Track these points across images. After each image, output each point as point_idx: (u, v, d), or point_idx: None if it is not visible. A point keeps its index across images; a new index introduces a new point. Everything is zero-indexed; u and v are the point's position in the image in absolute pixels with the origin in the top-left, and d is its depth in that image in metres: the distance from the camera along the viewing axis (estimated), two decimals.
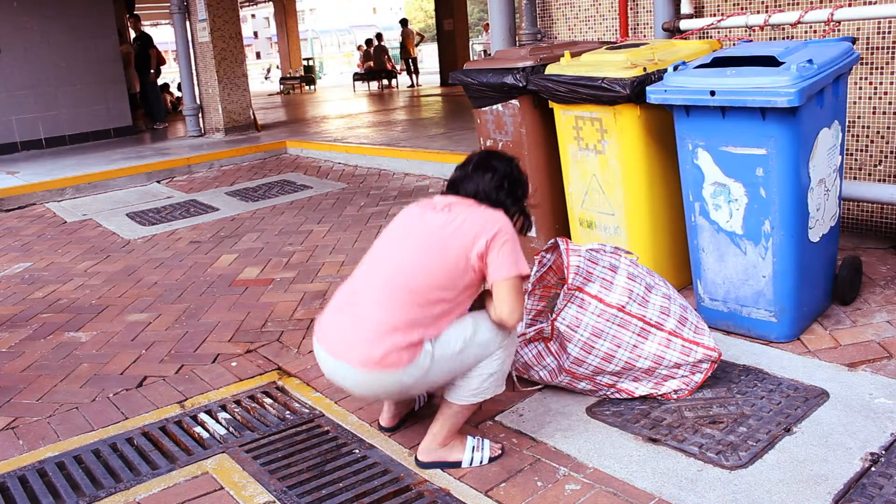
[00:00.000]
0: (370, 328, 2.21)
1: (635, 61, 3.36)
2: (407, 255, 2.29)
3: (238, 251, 5.12)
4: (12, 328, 3.96)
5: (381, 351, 2.17)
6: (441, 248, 2.26)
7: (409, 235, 2.35)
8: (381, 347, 2.17)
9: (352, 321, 2.26)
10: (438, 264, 2.24)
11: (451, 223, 2.30)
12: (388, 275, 2.27)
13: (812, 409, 2.52)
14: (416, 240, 2.32)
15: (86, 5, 10.43)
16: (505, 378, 2.41)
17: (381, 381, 2.22)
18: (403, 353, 2.18)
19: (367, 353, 2.19)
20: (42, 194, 7.40)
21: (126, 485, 2.45)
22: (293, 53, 22.86)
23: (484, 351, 2.31)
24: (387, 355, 2.17)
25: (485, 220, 2.29)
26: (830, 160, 3.08)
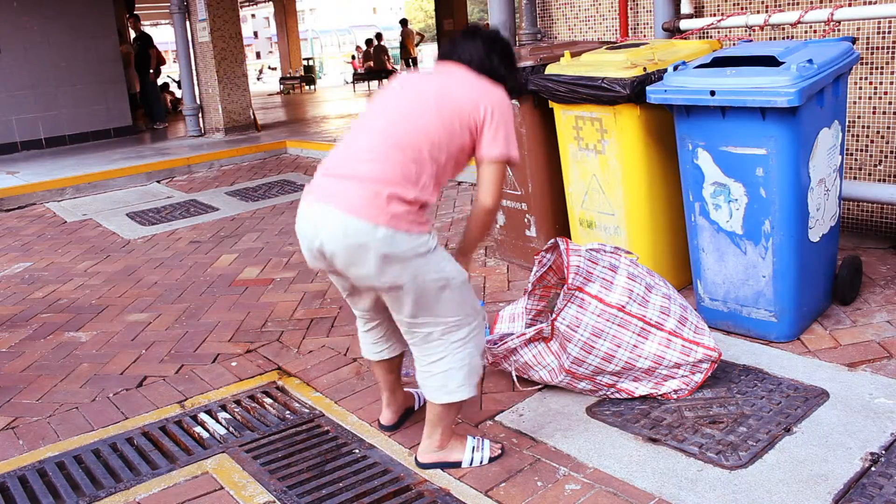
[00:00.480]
0: (364, 178, 2.10)
1: (635, 61, 3.36)
2: (401, 114, 2.21)
3: (238, 251, 5.12)
4: (12, 328, 3.96)
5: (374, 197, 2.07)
6: (437, 106, 2.20)
7: (402, 97, 2.27)
8: (374, 193, 2.07)
9: (345, 174, 2.15)
10: (434, 121, 2.17)
11: (449, 84, 2.26)
12: (383, 133, 2.18)
13: (812, 409, 2.52)
14: (411, 99, 2.25)
15: (86, 5, 10.43)
16: (474, 379, 2.31)
17: (360, 234, 2.06)
18: (403, 213, 2.08)
19: (359, 195, 2.08)
20: (42, 194, 7.40)
21: (126, 485, 2.45)
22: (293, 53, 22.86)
23: (456, 308, 2.22)
24: (377, 201, 2.07)
25: (487, 90, 2.26)
26: (830, 160, 3.08)
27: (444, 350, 2.26)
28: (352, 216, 2.07)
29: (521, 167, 4.00)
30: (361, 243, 2.07)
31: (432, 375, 2.28)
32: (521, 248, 4.21)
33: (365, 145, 2.18)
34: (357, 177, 2.12)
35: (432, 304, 2.20)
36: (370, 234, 2.06)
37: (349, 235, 2.08)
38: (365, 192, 2.08)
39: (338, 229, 2.09)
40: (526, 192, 4.04)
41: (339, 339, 3.47)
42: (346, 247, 2.09)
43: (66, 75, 10.28)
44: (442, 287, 2.19)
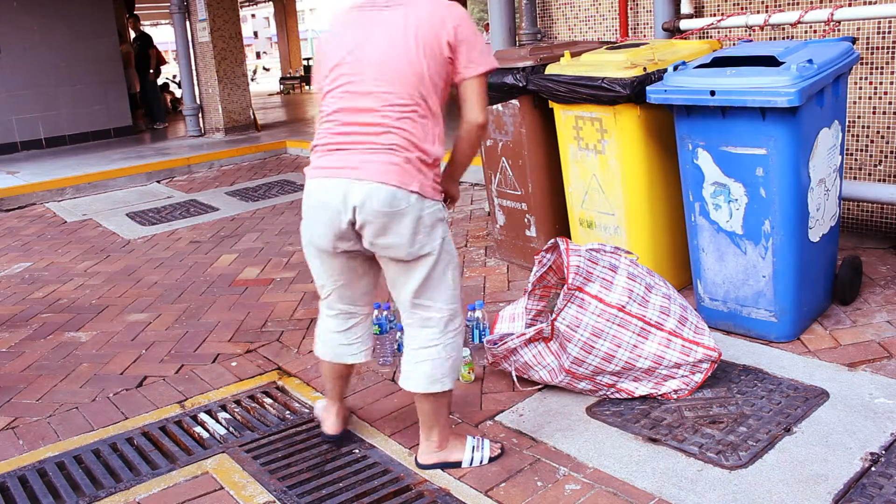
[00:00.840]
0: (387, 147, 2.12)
1: (635, 61, 3.36)
2: (386, 65, 2.13)
3: (238, 251, 5.12)
4: (12, 328, 3.96)
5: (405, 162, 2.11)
6: (417, 45, 2.12)
7: (374, 42, 2.16)
8: (404, 159, 2.12)
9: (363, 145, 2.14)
10: (422, 62, 2.13)
11: (414, 13, 2.16)
12: (379, 96, 2.13)
13: (812, 408, 2.52)
14: (387, 44, 2.14)
15: (86, 5, 10.43)
16: (455, 374, 2.32)
17: (396, 201, 2.10)
18: (426, 180, 2.14)
19: (389, 162, 2.10)
20: (42, 194, 7.40)
21: (126, 485, 2.45)
22: (293, 53, 22.85)
23: (453, 297, 2.27)
24: (408, 167, 2.11)
25: (447, 7, 2.17)
26: (830, 160, 3.08)
27: (440, 338, 2.28)
28: (387, 185, 2.09)
29: (521, 167, 4.00)
30: (399, 209, 2.10)
31: (421, 362, 2.29)
32: (521, 248, 4.21)
33: (369, 109, 2.14)
34: (378, 145, 2.12)
35: (438, 284, 2.24)
36: (406, 199, 2.11)
37: (385, 203, 2.10)
38: (394, 159, 2.11)
39: (374, 198, 2.09)
40: (526, 192, 4.04)
41: None
42: (383, 214, 2.11)
43: (66, 75, 10.27)
44: (447, 264, 2.24)
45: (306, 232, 2.30)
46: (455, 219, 5.44)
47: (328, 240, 2.22)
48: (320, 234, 2.23)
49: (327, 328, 2.49)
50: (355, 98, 2.16)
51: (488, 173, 4.27)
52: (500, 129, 4.04)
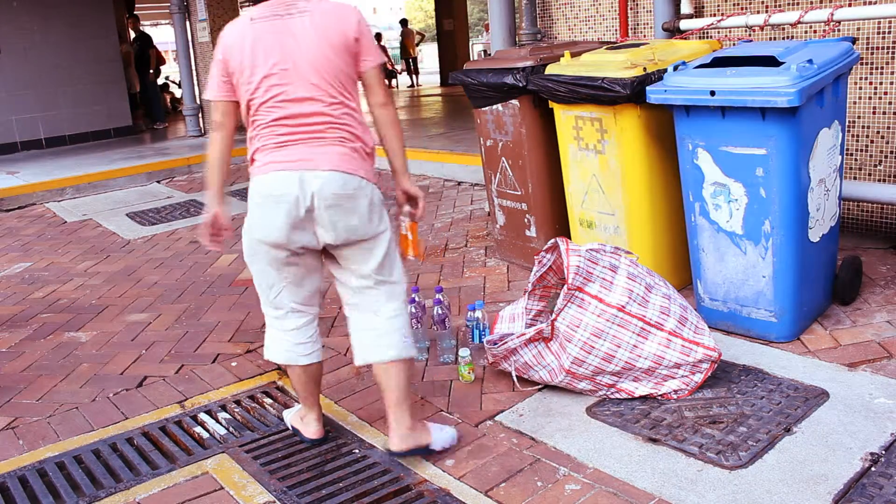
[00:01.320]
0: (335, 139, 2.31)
1: (635, 61, 3.36)
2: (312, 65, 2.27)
3: (238, 251, 5.11)
4: (12, 328, 3.96)
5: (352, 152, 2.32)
6: (330, 46, 2.28)
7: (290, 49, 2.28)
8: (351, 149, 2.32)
9: (314, 138, 2.31)
10: (338, 61, 2.29)
11: (317, 19, 2.28)
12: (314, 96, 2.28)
13: (812, 409, 2.52)
14: (305, 47, 2.27)
15: (86, 5, 10.43)
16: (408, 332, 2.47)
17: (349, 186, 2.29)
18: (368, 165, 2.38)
19: (339, 153, 2.30)
20: (42, 194, 7.40)
21: (126, 485, 2.45)
22: None
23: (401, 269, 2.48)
24: (356, 156, 2.33)
25: (344, 7, 2.35)
26: (830, 160, 3.08)
27: (402, 307, 2.48)
28: (341, 172, 2.28)
29: (521, 167, 4.00)
30: (353, 193, 2.30)
31: (394, 331, 2.42)
32: (521, 248, 4.21)
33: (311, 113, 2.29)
34: (326, 138, 2.30)
35: (393, 258, 2.45)
36: (358, 184, 2.31)
37: (341, 187, 2.28)
38: (342, 149, 2.31)
39: (332, 184, 2.27)
40: (526, 192, 4.04)
41: (338, 339, 3.47)
42: (343, 197, 2.28)
43: (66, 75, 10.27)
44: (392, 240, 2.45)
45: (257, 229, 2.39)
46: (455, 219, 5.44)
47: (284, 232, 2.30)
48: (277, 226, 2.30)
49: (278, 328, 2.52)
50: (294, 104, 2.29)
51: (488, 173, 4.27)
52: (500, 129, 4.05)
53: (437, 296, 3.19)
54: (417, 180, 6.93)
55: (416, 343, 3.15)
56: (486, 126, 4.13)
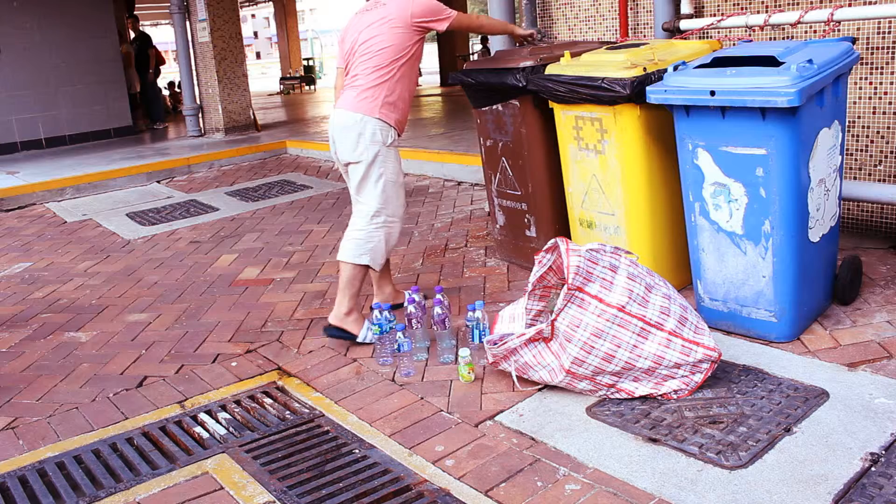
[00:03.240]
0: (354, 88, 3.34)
1: (635, 61, 3.36)
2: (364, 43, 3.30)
3: (238, 251, 5.12)
4: (12, 328, 3.96)
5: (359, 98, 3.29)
6: (391, 26, 3.26)
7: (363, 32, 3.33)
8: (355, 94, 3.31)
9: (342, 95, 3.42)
10: (391, 37, 3.26)
11: (385, 8, 3.31)
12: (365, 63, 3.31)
13: (812, 409, 2.52)
14: (368, 28, 3.31)
15: (86, 5, 10.44)
16: (377, 257, 3.32)
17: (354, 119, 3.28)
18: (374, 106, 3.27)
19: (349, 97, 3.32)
20: (42, 194, 7.40)
21: (126, 485, 2.45)
22: (293, 53, 22.86)
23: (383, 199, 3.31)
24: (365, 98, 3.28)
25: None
26: (830, 160, 3.08)
27: (365, 225, 3.31)
28: (345, 109, 3.32)
29: (521, 167, 4.00)
30: (348, 125, 3.28)
31: (350, 239, 3.31)
32: (521, 248, 4.21)
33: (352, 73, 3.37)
34: (352, 87, 3.35)
35: (370, 187, 3.30)
36: (352, 118, 3.28)
37: (342, 119, 3.32)
38: (355, 93, 3.32)
39: (338, 117, 3.34)
40: (526, 192, 4.04)
41: (337, 339, 3.47)
42: (340, 128, 3.32)
43: (65, 75, 10.28)
44: (380, 176, 3.29)
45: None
46: (455, 219, 5.44)
47: (332, 149, 3.44)
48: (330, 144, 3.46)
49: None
50: (356, 68, 3.36)
51: (488, 173, 4.27)
52: (500, 129, 4.04)
53: (437, 296, 3.19)
54: (417, 180, 6.93)
55: (415, 342, 3.16)
56: (486, 126, 4.13)
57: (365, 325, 3.28)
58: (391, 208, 3.33)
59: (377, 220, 3.30)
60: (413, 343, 3.17)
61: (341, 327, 3.25)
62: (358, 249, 3.27)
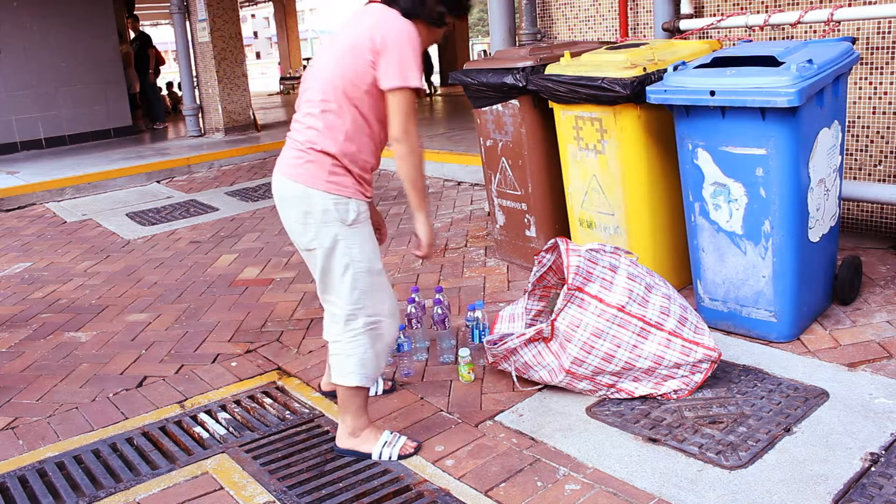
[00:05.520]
0: (293, 140, 2.35)
1: (635, 61, 3.36)
2: (316, 67, 2.36)
3: (238, 251, 5.12)
4: (12, 328, 3.96)
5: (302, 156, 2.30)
6: (340, 48, 2.29)
7: (323, 50, 2.40)
8: (298, 154, 2.31)
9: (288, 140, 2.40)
10: (336, 64, 2.27)
11: (356, 24, 2.32)
12: (304, 93, 2.35)
13: (812, 409, 2.52)
14: (326, 50, 2.37)
15: (86, 5, 10.43)
16: (367, 370, 2.42)
17: (296, 194, 2.30)
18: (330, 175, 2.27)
19: (287, 158, 2.35)
20: (42, 194, 7.40)
21: (126, 485, 2.45)
22: (293, 53, 22.85)
23: (357, 296, 2.35)
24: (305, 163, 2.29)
25: (384, 19, 2.26)
26: (830, 160, 3.08)
27: (341, 334, 2.41)
28: (284, 176, 2.34)
29: (521, 167, 4.00)
30: (286, 197, 2.34)
31: (332, 355, 2.46)
32: (521, 248, 4.21)
33: (301, 112, 2.36)
34: (292, 140, 2.36)
35: (336, 282, 2.36)
36: (294, 190, 2.31)
37: (280, 189, 2.36)
38: (296, 153, 2.32)
39: (276, 185, 2.37)
40: (526, 192, 4.04)
41: None
42: (280, 200, 2.37)
43: (66, 75, 10.27)
44: (346, 266, 2.33)
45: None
46: (455, 219, 5.44)
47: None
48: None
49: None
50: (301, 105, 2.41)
51: (488, 173, 4.27)
52: (500, 129, 4.05)
53: (437, 296, 3.19)
54: None
55: (415, 342, 3.16)
56: (486, 126, 4.13)
57: (381, 440, 2.50)
58: (371, 306, 2.38)
59: (354, 326, 2.38)
60: (413, 343, 3.17)
61: (351, 449, 2.51)
62: (341, 368, 2.42)
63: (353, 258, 2.33)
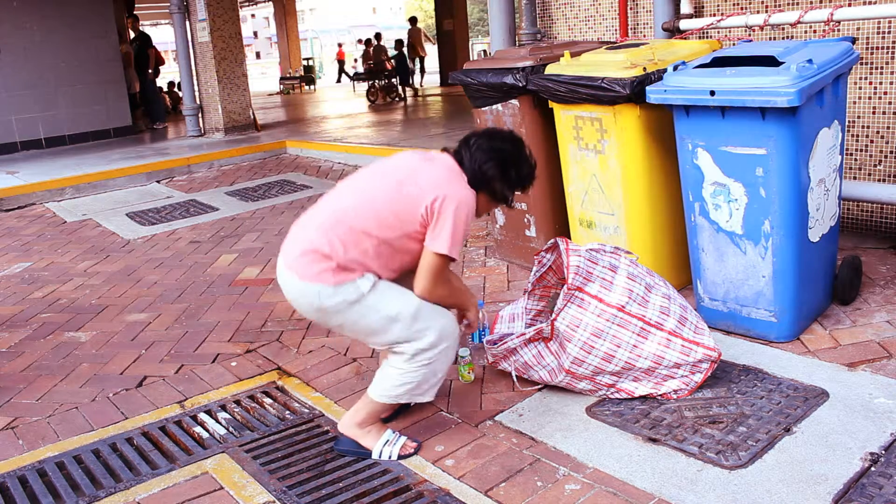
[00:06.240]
0: (304, 237, 2.33)
1: (635, 61, 3.36)
2: (357, 189, 2.38)
3: (238, 251, 5.12)
4: (12, 328, 3.96)
5: (302, 259, 2.29)
6: (396, 187, 2.31)
7: (372, 172, 2.43)
8: (306, 253, 2.29)
9: (296, 232, 2.40)
10: (384, 201, 2.30)
11: (422, 170, 2.36)
12: (338, 205, 2.36)
13: (812, 409, 2.52)
14: (376, 175, 2.40)
15: (86, 5, 10.43)
16: (423, 392, 2.42)
17: (303, 292, 2.30)
18: (327, 271, 2.26)
19: (294, 254, 2.32)
20: (42, 194, 7.40)
21: (126, 485, 2.45)
22: (293, 53, 22.86)
23: (408, 338, 2.33)
24: (306, 264, 2.28)
25: (450, 185, 2.30)
26: (830, 160, 3.08)
27: (404, 363, 2.37)
28: (293, 277, 2.32)
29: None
30: (303, 296, 2.32)
31: (385, 375, 2.43)
32: (520, 248, 4.21)
33: (323, 213, 2.37)
34: (303, 235, 2.35)
35: (377, 331, 2.35)
36: (307, 290, 2.30)
37: (295, 293, 2.34)
38: (304, 247, 2.32)
39: (286, 286, 2.37)
40: (526, 193, 4.03)
41: (338, 339, 3.47)
42: (295, 300, 2.37)
43: (65, 75, 10.27)
44: (391, 320, 2.32)
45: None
46: None
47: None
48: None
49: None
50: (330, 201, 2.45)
51: None
52: None
53: None
54: None
55: None
56: (486, 126, 4.12)
57: (383, 438, 2.49)
58: (435, 331, 2.33)
59: (420, 359, 2.35)
60: None
61: (353, 438, 2.49)
62: (391, 389, 2.40)
63: (391, 312, 2.31)
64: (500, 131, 2.50)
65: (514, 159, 2.44)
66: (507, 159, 2.42)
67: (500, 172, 2.41)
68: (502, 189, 2.44)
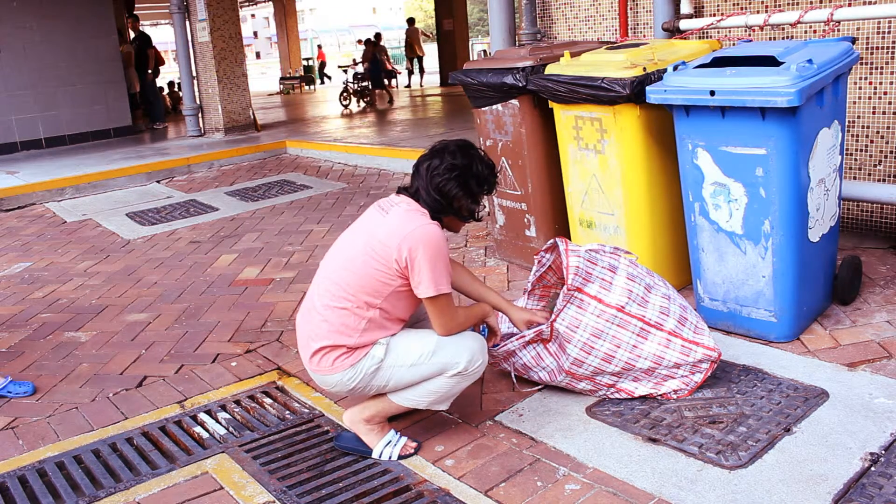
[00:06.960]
0: (313, 333, 2.41)
1: (635, 61, 3.36)
2: (335, 260, 2.44)
3: (238, 251, 5.12)
4: (12, 328, 3.96)
5: (316, 357, 2.40)
6: (363, 251, 2.36)
7: (344, 242, 2.48)
8: (318, 352, 2.39)
9: (302, 324, 2.48)
10: (366, 270, 2.35)
11: (380, 224, 2.39)
12: (319, 286, 2.44)
13: (812, 409, 2.52)
14: (347, 244, 2.45)
15: (86, 5, 10.44)
16: (448, 400, 2.46)
17: (332, 384, 2.42)
18: (342, 357, 2.36)
19: (310, 354, 2.42)
20: (42, 194, 7.40)
21: (126, 485, 2.45)
22: (293, 53, 22.86)
23: (439, 371, 2.38)
24: (320, 360, 2.39)
25: (409, 230, 2.32)
26: (830, 160, 3.08)
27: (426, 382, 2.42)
28: (314, 373, 2.44)
29: (521, 167, 4.00)
30: (329, 384, 2.43)
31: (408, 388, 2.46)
32: (520, 248, 4.21)
33: (317, 293, 2.44)
34: (307, 335, 2.43)
35: (411, 379, 2.40)
36: (330, 380, 2.41)
37: (322, 382, 2.45)
38: (310, 347, 2.41)
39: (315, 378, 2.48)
40: (526, 192, 4.04)
41: None
42: (324, 386, 2.47)
43: (66, 75, 10.27)
44: (412, 366, 2.38)
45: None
46: None
47: None
48: None
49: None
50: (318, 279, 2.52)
51: None
52: (499, 129, 4.05)
53: None
54: None
55: None
56: (486, 126, 4.13)
57: (385, 438, 2.50)
58: (463, 353, 2.37)
59: (457, 378, 2.40)
60: None
61: (356, 434, 2.52)
62: (411, 396, 2.44)
63: (421, 354, 2.37)
64: (447, 145, 2.48)
65: (468, 168, 2.43)
66: (463, 172, 2.43)
67: (462, 187, 2.42)
68: (468, 204, 2.47)
